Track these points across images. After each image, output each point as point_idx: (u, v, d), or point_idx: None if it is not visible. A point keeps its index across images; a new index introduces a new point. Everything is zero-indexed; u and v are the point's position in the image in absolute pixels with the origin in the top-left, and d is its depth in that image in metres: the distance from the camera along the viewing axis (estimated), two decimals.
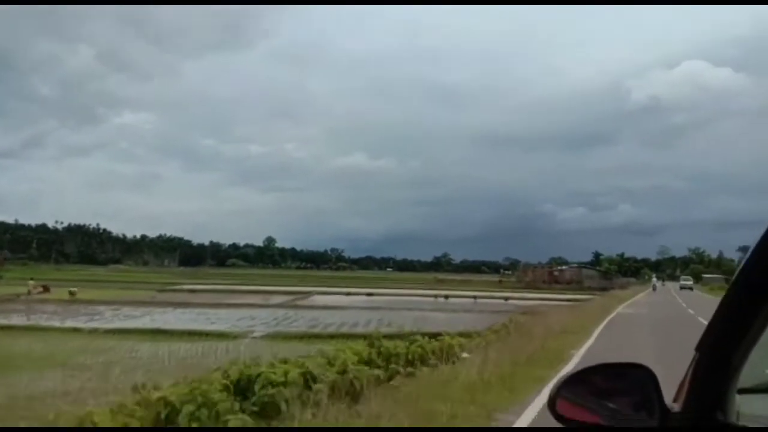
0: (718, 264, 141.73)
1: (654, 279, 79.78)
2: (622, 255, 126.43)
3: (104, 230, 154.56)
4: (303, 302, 42.39)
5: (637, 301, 39.88)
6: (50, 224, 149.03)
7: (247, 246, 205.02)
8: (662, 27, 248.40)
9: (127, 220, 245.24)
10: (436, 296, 51.57)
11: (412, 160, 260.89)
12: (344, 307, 37.41)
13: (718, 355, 1.31)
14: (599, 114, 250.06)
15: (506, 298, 52.06)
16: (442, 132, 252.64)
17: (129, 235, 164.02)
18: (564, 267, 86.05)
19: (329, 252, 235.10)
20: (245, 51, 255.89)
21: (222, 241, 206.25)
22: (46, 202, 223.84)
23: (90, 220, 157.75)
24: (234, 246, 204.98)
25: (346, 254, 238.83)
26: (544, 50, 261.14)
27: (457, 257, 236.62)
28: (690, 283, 73.10)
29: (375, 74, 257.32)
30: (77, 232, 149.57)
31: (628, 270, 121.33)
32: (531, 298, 54.27)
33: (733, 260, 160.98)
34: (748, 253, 1.19)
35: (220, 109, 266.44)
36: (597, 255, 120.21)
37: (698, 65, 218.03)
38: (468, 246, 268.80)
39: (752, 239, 1.16)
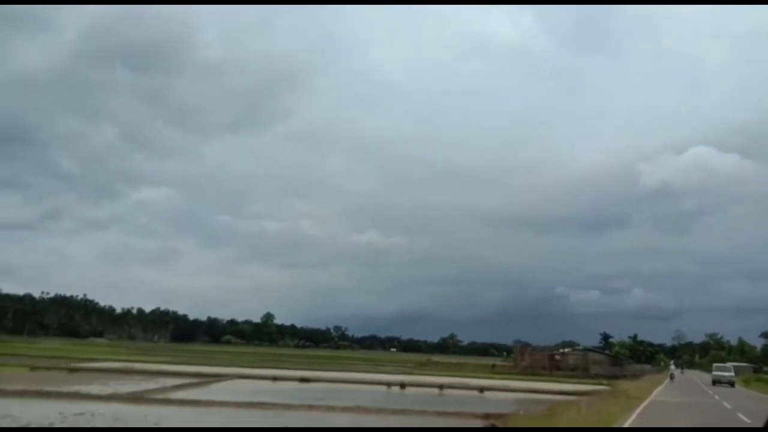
0: (741, 351, 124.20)
1: (672, 366, 64.89)
2: (634, 337, 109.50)
3: (90, 301, 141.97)
4: (180, 392, 28.79)
5: (659, 407, 25.38)
6: (36, 294, 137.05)
7: (245, 322, 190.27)
8: (669, 113, 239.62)
9: (137, 294, 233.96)
10: (389, 385, 37.58)
11: (424, 239, 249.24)
12: (216, 403, 23.91)
13: None
14: (611, 198, 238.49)
15: (482, 389, 37.89)
16: (454, 212, 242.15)
17: (119, 308, 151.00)
18: (567, 350, 71.09)
19: (332, 330, 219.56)
20: (263, 131, 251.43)
21: (221, 317, 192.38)
22: (59, 274, 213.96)
23: (99, 294, 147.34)
24: (232, 322, 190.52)
25: (350, 333, 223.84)
26: (556, 134, 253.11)
27: (465, 339, 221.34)
28: (731, 374, 49.37)
29: (388, 155, 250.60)
30: (61, 303, 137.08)
31: (641, 355, 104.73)
32: (517, 389, 40.04)
33: (755, 346, 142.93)
34: None
35: (237, 186, 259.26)
36: (606, 337, 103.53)
37: (706, 151, 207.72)
38: (478, 327, 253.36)
39: None
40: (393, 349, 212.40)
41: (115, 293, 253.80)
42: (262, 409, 22.98)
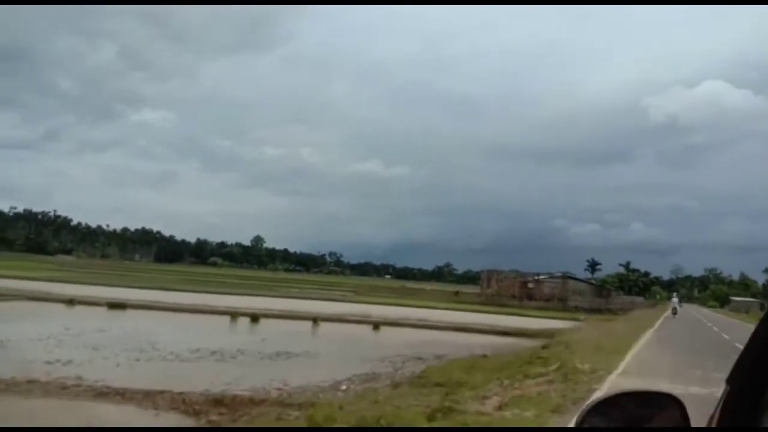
0: (745, 285, 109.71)
1: (675, 299, 50.52)
2: (627, 265, 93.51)
3: (62, 218, 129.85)
4: None
5: None
6: (6, 209, 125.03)
7: (235, 245, 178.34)
8: (683, 46, 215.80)
9: (134, 217, 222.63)
10: (233, 316, 23.56)
11: (425, 168, 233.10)
12: None
13: (750, 387, 1.07)
14: (615, 131, 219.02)
15: (377, 325, 23.78)
16: (456, 142, 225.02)
17: (94, 225, 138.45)
18: (543, 276, 57.21)
19: (327, 256, 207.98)
20: (265, 53, 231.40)
21: (210, 239, 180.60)
22: (59, 195, 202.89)
23: (95, 216, 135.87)
24: (222, 244, 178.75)
25: (345, 259, 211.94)
26: (563, 65, 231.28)
27: (461, 268, 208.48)
28: None
29: (392, 82, 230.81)
30: (30, 218, 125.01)
31: (633, 286, 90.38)
32: (438, 326, 25.85)
33: (756, 282, 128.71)
34: None
35: (238, 110, 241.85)
36: (593, 264, 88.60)
37: (718, 86, 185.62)
38: (475, 257, 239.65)
39: None
40: (387, 276, 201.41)
41: (115, 215, 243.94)
42: None
